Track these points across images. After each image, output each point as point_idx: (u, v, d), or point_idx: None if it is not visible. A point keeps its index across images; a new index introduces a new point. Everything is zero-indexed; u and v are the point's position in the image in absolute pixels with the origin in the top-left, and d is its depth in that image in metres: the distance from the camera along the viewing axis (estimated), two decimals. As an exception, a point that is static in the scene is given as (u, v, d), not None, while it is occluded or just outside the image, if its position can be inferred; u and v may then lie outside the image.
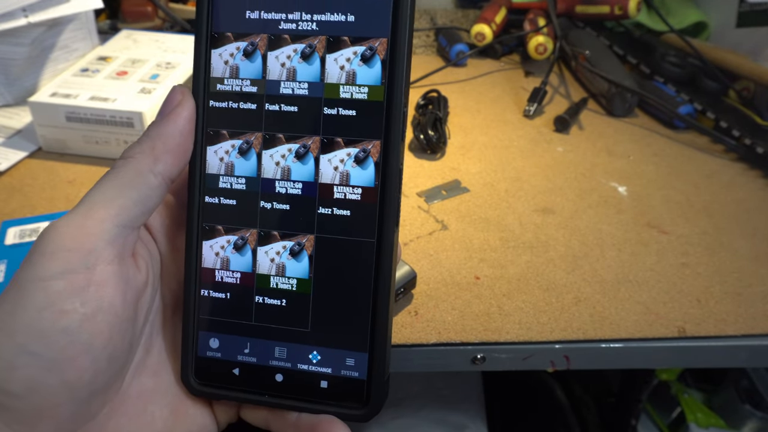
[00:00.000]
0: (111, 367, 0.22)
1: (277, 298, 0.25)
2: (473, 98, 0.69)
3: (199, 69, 0.25)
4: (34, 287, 0.21)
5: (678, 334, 0.40)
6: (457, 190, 0.53)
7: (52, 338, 0.21)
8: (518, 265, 0.45)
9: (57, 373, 0.21)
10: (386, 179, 0.24)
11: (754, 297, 0.43)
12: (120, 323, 0.22)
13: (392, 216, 0.24)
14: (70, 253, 0.21)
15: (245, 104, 0.25)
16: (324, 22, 0.24)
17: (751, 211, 0.52)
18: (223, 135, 0.25)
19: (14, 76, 0.61)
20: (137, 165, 0.23)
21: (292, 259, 0.25)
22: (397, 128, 0.23)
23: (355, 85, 0.24)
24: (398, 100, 0.23)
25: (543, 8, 0.79)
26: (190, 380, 0.25)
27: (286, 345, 0.25)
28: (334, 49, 0.24)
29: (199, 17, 0.25)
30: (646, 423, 0.78)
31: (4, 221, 0.48)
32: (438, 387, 0.71)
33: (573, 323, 0.41)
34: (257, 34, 0.24)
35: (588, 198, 0.53)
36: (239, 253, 0.25)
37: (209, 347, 0.25)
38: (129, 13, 0.76)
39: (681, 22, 0.78)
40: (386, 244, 0.24)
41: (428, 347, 0.39)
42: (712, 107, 0.63)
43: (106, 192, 0.23)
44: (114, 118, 0.53)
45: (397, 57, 0.23)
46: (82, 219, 0.22)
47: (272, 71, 0.24)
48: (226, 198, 0.25)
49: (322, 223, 0.24)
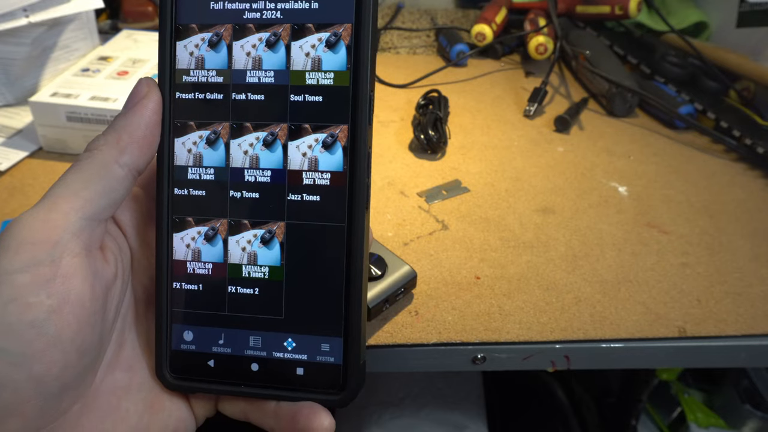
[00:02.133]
0: (81, 360, 0.22)
1: (250, 287, 0.25)
2: (474, 98, 0.69)
3: (165, 61, 0.25)
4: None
5: (678, 334, 0.40)
6: (457, 190, 0.54)
7: (18, 332, 0.20)
8: (518, 264, 0.45)
9: (24, 367, 0.20)
10: (355, 163, 0.24)
11: (754, 297, 0.43)
12: (88, 316, 0.22)
13: (362, 199, 0.24)
14: (35, 246, 0.21)
15: (212, 94, 0.25)
16: (288, 10, 0.24)
17: (751, 211, 0.52)
18: (190, 126, 0.25)
19: (15, 75, 0.61)
20: (102, 156, 0.23)
21: (264, 247, 0.25)
22: (363, 112, 0.23)
23: (320, 71, 0.24)
24: (364, 85, 0.23)
25: (543, 8, 0.79)
26: (165, 374, 0.25)
27: (261, 334, 0.25)
28: (298, 37, 0.24)
29: (163, 9, 0.25)
30: (646, 423, 0.78)
31: (5, 221, 0.48)
32: (438, 387, 0.71)
33: (573, 323, 0.41)
34: (222, 24, 0.24)
35: (588, 198, 0.53)
36: (210, 243, 0.25)
37: (183, 340, 0.25)
38: (130, 13, 0.77)
39: (681, 22, 0.78)
40: (357, 228, 0.24)
41: (428, 347, 0.39)
42: (712, 107, 0.63)
43: (71, 184, 0.22)
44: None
45: (361, 42, 0.23)
46: (46, 212, 0.22)
47: (238, 61, 0.24)
48: (196, 189, 0.25)
49: (292, 209, 0.24)
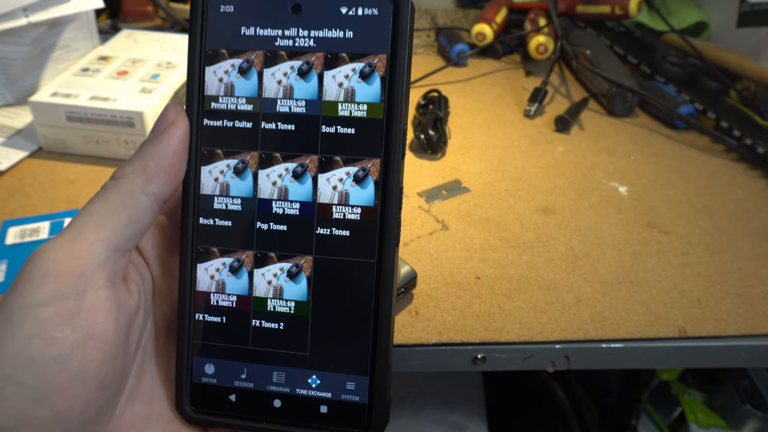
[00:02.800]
0: (103, 395, 0.21)
1: (275, 322, 0.24)
2: (474, 98, 0.69)
3: (193, 87, 0.24)
4: (23, 314, 0.20)
5: (678, 334, 0.40)
6: (457, 189, 0.53)
7: (41, 367, 0.20)
8: (519, 265, 0.45)
9: (47, 403, 0.20)
10: (386, 198, 0.23)
11: (754, 297, 0.43)
12: (112, 350, 0.21)
13: (393, 235, 0.23)
14: (59, 278, 0.21)
15: (241, 123, 0.24)
16: (322, 39, 0.23)
17: (751, 211, 0.52)
18: (217, 154, 0.24)
19: (15, 75, 0.61)
20: (129, 186, 0.23)
21: (290, 281, 0.24)
22: (397, 146, 0.23)
23: (354, 103, 0.23)
24: (398, 118, 0.23)
25: (544, 8, 0.79)
26: (185, 408, 0.24)
27: (285, 369, 0.24)
28: (332, 66, 0.23)
29: (193, 33, 0.24)
30: (646, 423, 0.78)
31: (5, 221, 0.48)
32: (438, 387, 0.71)
33: (573, 323, 0.41)
34: (253, 50, 0.24)
35: (588, 198, 0.53)
36: (235, 275, 0.24)
37: (205, 373, 0.25)
38: (129, 13, 0.77)
39: (682, 22, 0.78)
40: (387, 265, 0.23)
41: (429, 347, 0.39)
42: (712, 107, 0.63)
43: (96, 214, 0.22)
44: (114, 118, 0.53)
45: (397, 73, 0.23)
46: (71, 243, 0.21)
47: (268, 89, 0.24)
48: (222, 219, 0.24)
49: (320, 243, 0.24)
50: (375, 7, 0.23)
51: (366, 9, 0.23)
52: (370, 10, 0.23)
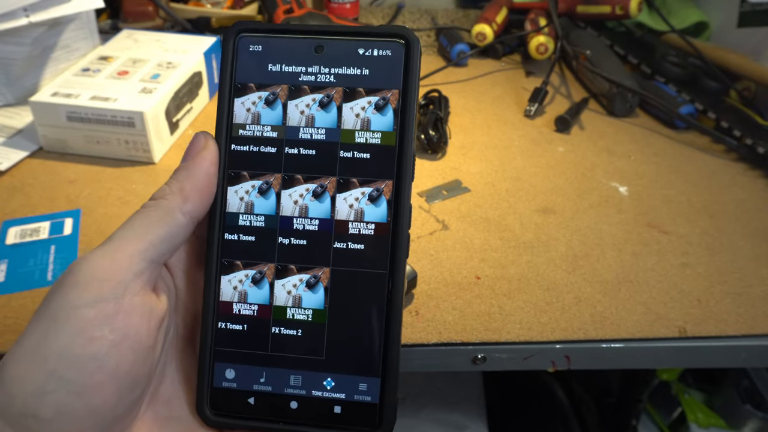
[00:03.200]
0: (133, 393, 0.23)
1: (293, 329, 0.26)
2: (474, 98, 0.69)
3: (222, 115, 0.27)
4: (67, 315, 0.22)
5: (679, 334, 0.40)
6: (457, 190, 0.54)
7: (81, 364, 0.22)
8: (519, 265, 0.45)
9: (85, 398, 0.22)
10: (398, 215, 0.26)
11: (754, 297, 0.43)
12: (144, 351, 0.23)
13: (403, 248, 0.25)
14: (102, 283, 0.22)
15: (266, 148, 0.26)
16: (341, 75, 0.26)
17: (751, 212, 0.52)
18: (243, 176, 0.27)
19: (15, 75, 0.61)
20: (167, 204, 0.25)
21: (309, 291, 0.26)
22: (408, 169, 0.26)
23: (369, 131, 0.26)
24: (409, 144, 0.26)
25: (544, 8, 0.79)
26: (206, 411, 0.26)
27: (301, 373, 0.26)
28: (350, 99, 0.26)
29: (224, 68, 0.27)
30: (646, 423, 0.78)
31: (5, 221, 0.48)
32: (438, 387, 0.71)
33: (574, 323, 0.41)
34: (278, 84, 0.26)
35: (589, 198, 0.53)
36: (257, 286, 0.26)
37: (225, 378, 0.26)
38: (130, 13, 0.77)
39: (682, 22, 0.78)
40: (398, 275, 0.25)
41: (429, 347, 0.39)
42: (713, 107, 0.63)
43: (137, 229, 0.24)
44: (115, 118, 0.53)
45: (408, 106, 0.26)
46: (113, 252, 0.23)
47: (292, 118, 0.26)
48: (245, 235, 0.27)
49: (337, 256, 0.26)
50: (389, 50, 0.26)
51: (381, 50, 0.26)
52: (385, 51, 0.26)
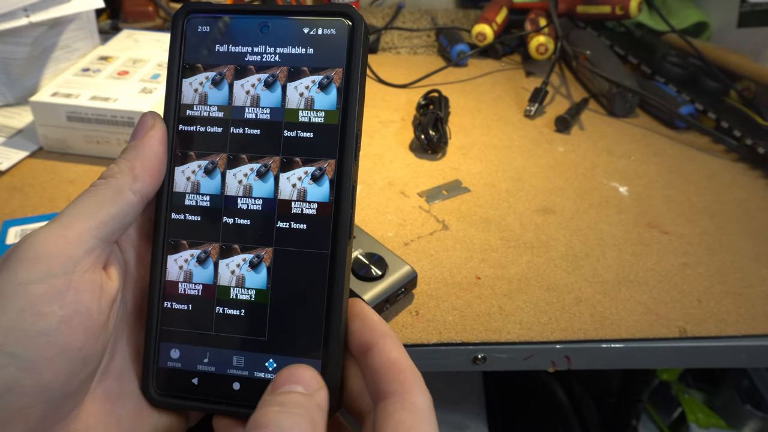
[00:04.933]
0: (84, 369, 0.23)
1: (237, 309, 0.26)
2: (474, 98, 0.69)
3: (171, 96, 0.27)
4: (15, 290, 0.22)
5: (679, 335, 0.40)
6: (457, 190, 0.54)
7: (30, 339, 0.21)
8: (519, 265, 0.45)
9: (34, 373, 0.21)
10: (340, 195, 0.25)
11: (754, 297, 0.43)
12: (94, 327, 0.23)
13: (345, 228, 0.25)
14: (51, 259, 0.22)
15: (212, 128, 0.27)
16: (286, 55, 0.26)
17: (752, 212, 0.52)
18: (190, 156, 0.27)
19: (15, 75, 0.61)
20: (117, 183, 0.25)
21: (252, 270, 0.26)
22: (350, 148, 0.26)
23: (312, 110, 0.26)
24: (352, 123, 0.26)
25: (544, 8, 0.79)
26: (151, 391, 0.26)
27: (244, 354, 0.26)
28: (294, 78, 0.26)
29: (173, 49, 0.27)
30: (646, 423, 0.78)
31: (5, 221, 0.48)
32: (438, 387, 0.71)
33: (574, 323, 0.41)
34: (225, 65, 0.27)
35: (589, 198, 0.53)
36: (202, 266, 0.27)
37: (170, 358, 0.26)
38: (130, 13, 0.77)
39: (682, 22, 0.78)
40: (339, 256, 0.25)
41: (429, 347, 0.39)
42: (713, 107, 0.63)
43: (87, 206, 0.24)
44: (115, 118, 0.53)
45: (351, 84, 0.26)
46: (63, 229, 0.23)
47: (238, 98, 0.27)
48: (192, 214, 0.27)
49: (280, 236, 0.26)
50: (333, 28, 0.26)
51: (325, 29, 0.26)
52: (329, 30, 0.26)
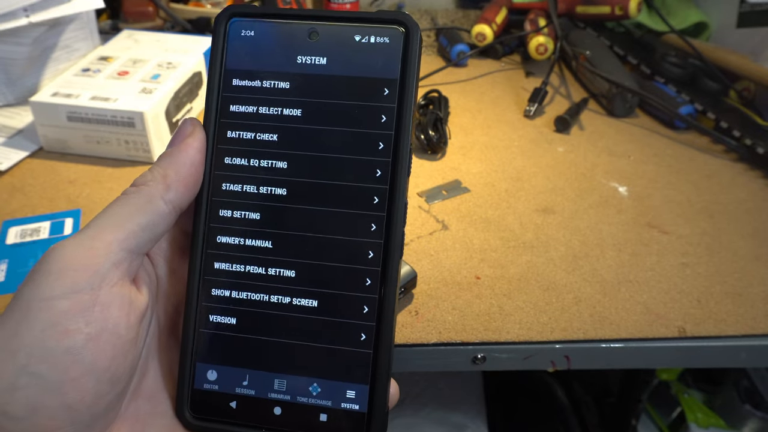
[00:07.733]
0: (113, 389, 0.22)
1: (280, 330, 0.25)
2: (474, 98, 0.69)
3: (211, 103, 0.25)
4: (39, 306, 0.20)
5: (678, 334, 0.40)
6: (457, 190, 0.54)
7: (55, 358, 0.20)
8: (519, 265, 0.45)
9: (59, 394, 0.20)
10: (391, 213, 0.24)
11: (754, 297, 0.43)
12: (123, 345, 0.22)
13: (396, 250, 0.24)
14: (77, 272, 0.21)
15: (256, 137, 0.25)
16: (335, 63, 0.25)
17: (751, 212, 0.52)
18: (231, 166, 0.25)
19: (15, 75, 0.61)
20: (149, 192, 0.23)
21: (297, 291, 0.25)
22: (403, 163, 0.24)
23: (366, 126, 0.24)
24: (406, 137, 0.24)
25: (544, 8, 0.79)
26: (186, 414, 0.25)
27: (286, 377, 0.24)
28: (345, 89, 0.25)
29: (214, 53, 0.25)
30: (646, 423, 0.78)
31: (5, 221, 0.48)
32: (438, 387, 0.71)
33: (573, 323, 0.41)
34: (270, 72, 0.25)
35: (588, 198, 0.53)
36: (243, 284, 0.25)
37: (207, 379, 0.25)
38: (130, 13, 0.77)
39: (682, 22, 0.78)
40: (390, 277, 0.24)
41: (429, 347, 0.39)
42: (712, 108, 0.63)
43: (115, 216, 0.23)
44: (115, 118, 0.53)
45: (405, 96, 0.24)
46: (89, 240, 0.22)
47: (283, 108, 0.25)
48: (233, 229, 0.25)
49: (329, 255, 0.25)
50: (387, 37, 0.24)
51: (378, 37, 0.24)
52: (382, 38, 0.24)
